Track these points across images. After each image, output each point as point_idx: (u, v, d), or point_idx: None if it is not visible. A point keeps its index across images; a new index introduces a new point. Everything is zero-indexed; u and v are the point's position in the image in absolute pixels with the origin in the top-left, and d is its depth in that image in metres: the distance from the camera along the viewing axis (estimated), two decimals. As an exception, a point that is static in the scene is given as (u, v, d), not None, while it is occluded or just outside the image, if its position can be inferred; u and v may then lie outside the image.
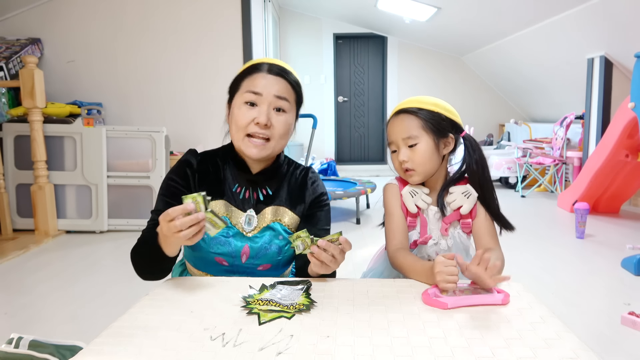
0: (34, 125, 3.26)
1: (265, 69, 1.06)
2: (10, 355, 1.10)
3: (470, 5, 4.66)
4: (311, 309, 0.85)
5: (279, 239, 1.10)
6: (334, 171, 5.67)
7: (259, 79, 1.05)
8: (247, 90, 1.04)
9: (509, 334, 0.75)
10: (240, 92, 1.06)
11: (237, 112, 1.05)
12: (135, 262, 1.05)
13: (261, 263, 1.10)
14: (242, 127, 1.04)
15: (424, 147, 1.11)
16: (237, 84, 1.09)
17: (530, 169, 4.87)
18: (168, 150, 3.68)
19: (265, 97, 1.04)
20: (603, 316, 2.02)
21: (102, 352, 0.70)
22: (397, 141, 1.14)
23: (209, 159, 1.13)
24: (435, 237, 1.14)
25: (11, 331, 1.25)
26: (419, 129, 1.11)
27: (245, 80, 1.07)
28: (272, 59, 1.12)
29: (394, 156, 1.16)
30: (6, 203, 3.35)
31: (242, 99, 1.05)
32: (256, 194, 1.12)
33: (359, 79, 7.12)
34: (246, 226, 1.09)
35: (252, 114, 1.04)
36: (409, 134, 1.11)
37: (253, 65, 1.08)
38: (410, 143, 1.11)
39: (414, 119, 1.12)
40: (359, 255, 2.78)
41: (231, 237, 1.08)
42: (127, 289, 2.36)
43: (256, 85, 1.04)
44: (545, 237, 3.33)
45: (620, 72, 4.17)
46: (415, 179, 1.14)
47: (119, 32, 4.06)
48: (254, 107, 1.04)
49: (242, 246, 1.08)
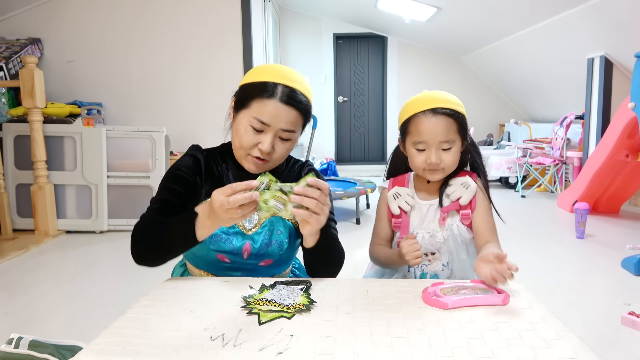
0: (33, 125, 3.26)
1: (278, 97, 1.01)
2: (10, 355, 1.10)
3: (470, 5, 4.66)
4: (311, 309, 0.85)
5: (278, 233, 1.10)
6: (334, 171, 5.66)
7: (269, 106, 1.00)
8: (255, 116, 1.01)
9: (509, 334, 0.75)
10: (248, 112, 1.02)
11: (242, 132, 1.03)
12: (140, 241, 0.99)
13: (263, 259, 1.10)
14: (245, 148, 1.04)
15: (457, 150, 1.11)
16: (247, 100, 1.03)
17: (530, 169, 4.87)
18: (168, 150, 3.68)
19: (272, 127, 1.02)
20: (603, 316, 2.02)
21: (102, 352, 0.70)
22: (430, 142, 1.09)
23: (212, 156, 1.14)
24: (430, 230, 1.14)
25: (11, 331, 1.25)
26: (456, 133, 1.10)
27: (256, 102, 1.01)
28: (287, 74, 1.05)
29: (417, 153, 1.11)
30: (6, 203, 3.35)
31: (249, 121, 1.02)
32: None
33: (359, 79, 7.12)
34: (247, 224, 1.09)
35: (257, 139, 1.03)
36: (447, 138, 1.08)
37: (267, 87, 1.01)
38: (446, 147, 1.09)
39: (453, 123, 1.09)
40: (359, 255, 2.78)
41: (232, 235, 1.08)
42: (127, 289, 2.36)
43: (265, 114, 1.01)
44: (545, 237, 3.33)
45: (620, 72, 4.17)
46: (438, 176, 1.13)
47: (119, 32, 4.06)
48: (259, 133, 1.03)
49: (244, 243, 1.08)
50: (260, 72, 1.05)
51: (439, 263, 1.15)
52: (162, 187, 1.07)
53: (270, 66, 1.07)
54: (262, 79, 1.03)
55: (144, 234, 1.00)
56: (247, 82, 1.06)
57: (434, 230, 1.14)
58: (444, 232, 1.13)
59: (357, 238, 3.30)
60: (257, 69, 1.08)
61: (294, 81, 1.04)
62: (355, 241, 3.21)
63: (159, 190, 1.08)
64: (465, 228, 1.14)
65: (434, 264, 1.15)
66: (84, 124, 3.50)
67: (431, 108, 1.09)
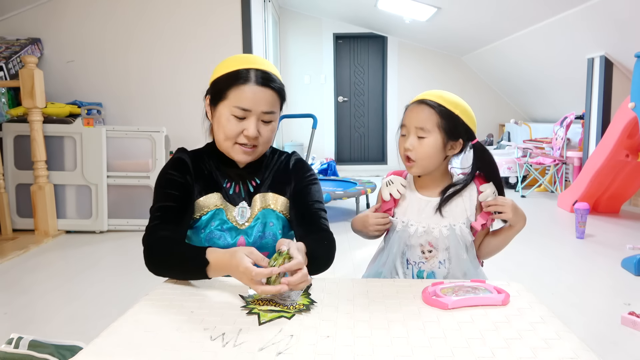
0: (33, 125, 3.26)
1: (253, 80, 1.03)
2: (10, 355, 1.10)
3: (470, 5, 4.66)
4: (311, 309, 0.85)
5: (271, 225, 1.12)
6: (334, 171, 5.67)
7: (247, 92, 1.03)
8: (235, 105, 1.03)
9: (509, 334, 0.75)
10: (227, 103, 1.04)
11: (225, 123, 1.05)
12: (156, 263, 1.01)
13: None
14: (231, 138, 1.06)
15: (432, 143, 1.11)
16: (223, 92, 1.05)
17: (530, 169, 4.87)
18: (168, 150, 3.68)
19: (254, 112, 1.04)
20: (603, 316, 2.02)
21: (102, 352, 0.70)
22: (409, 127, 1.14)
23: (198, 157, 1.15)
24: (426, 225, 1.14)
25: (11, 331, 1.25)
26: (433, 125, 1.11)
27: (232, 90, 1.03)
28: (254, 60, 1.07)
29: (401, 140, 1.17)
30: (6, 203, 3.35)
31: (230, 111, 1.04)
32: (246, 187, 1.14)
33: (359, 79, 7.12)
34: (239, 218, 1.11)
35: (241, 127, 1.05)
36: (422, 125, 1.12)
37: (240, 74, 1.04)
38: (420, 134, 1.12)
39: (432, 114, 1.11)
40: (359, 255, 2.78)
41: (226, 231, 1.10)
42: (127, 289, 2.36)
43: (244, 100, 1.03)
44: (546, 237, 3.33)
45: (620, 72, 4.17)
46: (414, 170, 1.15)
47: (119, 32, 4.06)
48: (242, 120, 1.05)
49: (237, 238, 1.10)
50: (227, 64, 1.07)
51: (435, 261, 1.15)
52: (158, 194, 1.08)
53: (235, 57, 1.09)
54: (232, 68, 1.05)
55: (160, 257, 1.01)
56: (218, 76, 1.07)
57: (429, 226, 1.14)
58: (442, 229, 1.13)
59: (357, 238, 3.28)
60: (223, 62, 1.09)
61: (263, 64, 1.07)
62: (355, 241, 3.20)
63: (155, 197, 1.09)
64: (468, 231, 1.14)
65: (430, 261, 1.16)
66: (84, 124, 3.50)
67: (420, 99, 1.15)
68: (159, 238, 1.02)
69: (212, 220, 1.10)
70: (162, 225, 1.04)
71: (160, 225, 1.04)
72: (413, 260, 1.17)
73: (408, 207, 1.18)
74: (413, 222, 1.15)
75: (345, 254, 2.87)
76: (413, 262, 1.17)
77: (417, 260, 1.16)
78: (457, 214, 1.15)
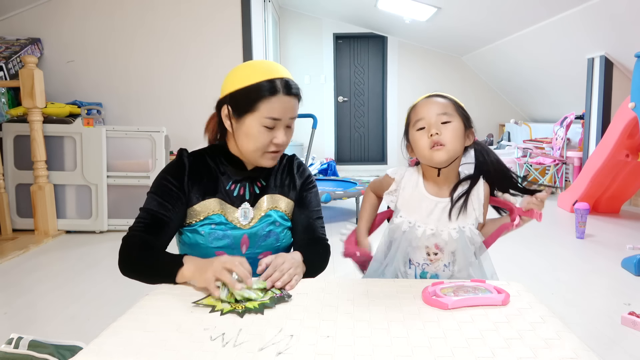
0: (33, 125, 3.26)
1: (283, 91, 1.05)
2: (10, 355, 1.10)
3: (470, 5, 4.66)
4: (270, 308, 0.86)
5: (276, 225, 1.15)
6: (334, 171, 5.66)
7: (277, 103, 1.05)
8: (267, 116, 1.05)
9: (509, 334, 0.75)
10: (257, 115, 1.05)
11: (257, 135, 1.06)
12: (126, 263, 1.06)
13: (261, 251, 1.13)
14: (261, 148, 1.08)
15: (457, 127, 1.11)
16: (252, 104, 1.05)
17: (530, 169, 4.87)
18: (168, 150, 3.68)
19: (283, 121, 1.08)
20: (603, 316, 2.02)
21: (102, 352, 0.70)
22: (428, 118, 1.10)
23: (200, 158, 1.15)
24: (434, 228, 1.11)
25: (11, 331, 1.25)
26: (453, 111, 1.12)
27: (263, 103, 1.04)
28: (273, 68, 1.09)
29: (420, 134, 1.11)
30: (6, 203, 3.35)
31: (261, 123, 1.05)
32: (252, 188, 1.16)
33: (359, 79, 7.11)
34: (242, 220, 1.12)
35: (271, 136, 1.08)
36: (445, 111, 1.10)
37: (269, 86, 1.04)
38: (444, 120, 1.10)
39: (449, 102, 1.13)
40: (359, 255, 2.78)
41: (229, 231, 1.11)
42: (127, 289, 2.35)
43: (275, 111, 1.05)
44: (545, 237, 3.32)
45: (620, 72, 4.17)
46: (443, 154, 1.09)
47: (118, 32, 4.06)
48: (272, 130, 1.08)
49: (241, 236, 1.11)
50: (247, 74, 1.06)
51: (440, 263, 1.13)
52: (149, 197, 1.10)
53: (251, 66, 1.09)
54: (255, 80, 1.05)
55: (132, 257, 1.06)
56: (242, 87, 1.06)
57: (437, 228, 1.11)
58: (452, 232, 1.10)
59: (357, 238, 3.29)
60: (239, 73, 1.08)
61: (282, 71, 1.08)
62: (355, 241, 3.20)
63: (148, 199, 1.11)
64: (478, 232, 1.12)
65: (435, 264, 1.13)
66: (84, 124, 3.50)
67: (427, 96, 1.16)
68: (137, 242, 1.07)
69: (211, 222, 1.10)
70: (143, 235, 1.07)
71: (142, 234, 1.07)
72: (417, 261, 1.14)
73: (416, 207, 1.14)
74: (420, 223, 1.12)
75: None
76: (417, 263, 1.14)
77: (421, 261, 1.14)
78: (466, 215, 1.12)
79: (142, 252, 1.05)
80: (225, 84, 1.10)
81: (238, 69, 1.09)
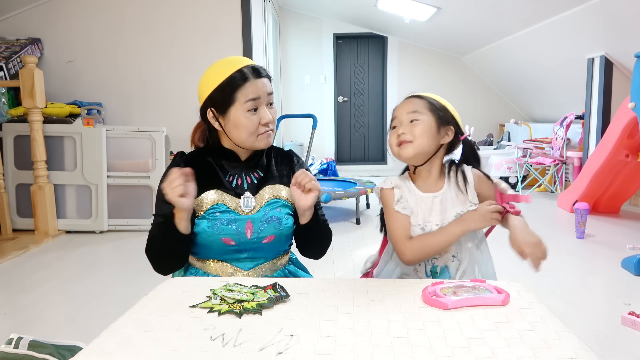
0: (33, 125, 3.26)
1: (252, 75, 1.13)
2: (10, 355, 1.10)
3: (470, 5, 4.66)
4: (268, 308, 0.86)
5: (277, 210, 1.19)
6: (334, 171, 5.67)
7: (251, 87, 1.13)
8: (246, 99, 1.12)
9: (509, 334, 0.75)
10: (238, 104, 1.13)
11: (244, 121, 1.13)
12: (152, 257, 1.16)
13: (265, 235, 1.17)
14: (253, 132, 1.15)
15: (426, 124, 1.14)
16: (230, 96, 1.12)
17: (530, 169, 4.87)
18: (168, 150, 3.68)
19: (262, 99, 1.14)
20: (603, 316, 2.02)
21: (102, 352, 0.70)
22: (400, 116, 1.16)
23: (197, 158, 1.21)
24: (439, 222, 1.14)
25: (11, 331, 1.25)
26: (424, 109, 1.15)
27: (239, 91, 1.12)
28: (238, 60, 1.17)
29: (392, 133, 1.18)
30: (6, 203, 3.35)
31: (245, 108, 1.13)
32: (249, 178, 1.21)
33: (359, 79, 7.12)
34: (245, 208, 1.17)
35: (257, 118, 1.14)
36: (414, 109, 1.15)
37: (238, 76, 1.12)
38: (412, 118, 1.14)
39: (422, 101, 1.17)
40: (359, 255, 2.78)
41: (233, 217, 1.15)
42: (127, 289, 2.36)
43: (252, 93, 1.12)
44: (545, 237, 3.29)
45: (620, 72, 4.17)
46: (409, 150, 1.13)
47: (119, 32, 4.06)
48: (255, 112, 1.14)
49: (245, 221, 1.15)
50: (216, 74, 1.15)
51: (449, 255, 1.16)
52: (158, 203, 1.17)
53: (217, 65, 1.18)
54: (226, 74, 1.13)
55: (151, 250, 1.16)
56: (216, 86, 1.14)
57: (442, 222, 1.14)
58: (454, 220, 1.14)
59: (357, 238, 3.30)
60: (209, 75, 1.17)
61: (246, 60, 1.17)
62: (355, 241, 3.21)
63: (156, 205, 1.18)
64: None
65: (444, 256, 1.16)
66: (84, 124, 3.50)
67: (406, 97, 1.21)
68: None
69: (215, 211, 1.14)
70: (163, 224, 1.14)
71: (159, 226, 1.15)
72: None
73: (418, 209, 1.16)
74: (428, 222, 1.15)
75: (345, 254, 2.87)
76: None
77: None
78: (461, 199, 1.16)
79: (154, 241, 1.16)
80: (200, 91, 1.19)
81: (206, 74, 1.18)
